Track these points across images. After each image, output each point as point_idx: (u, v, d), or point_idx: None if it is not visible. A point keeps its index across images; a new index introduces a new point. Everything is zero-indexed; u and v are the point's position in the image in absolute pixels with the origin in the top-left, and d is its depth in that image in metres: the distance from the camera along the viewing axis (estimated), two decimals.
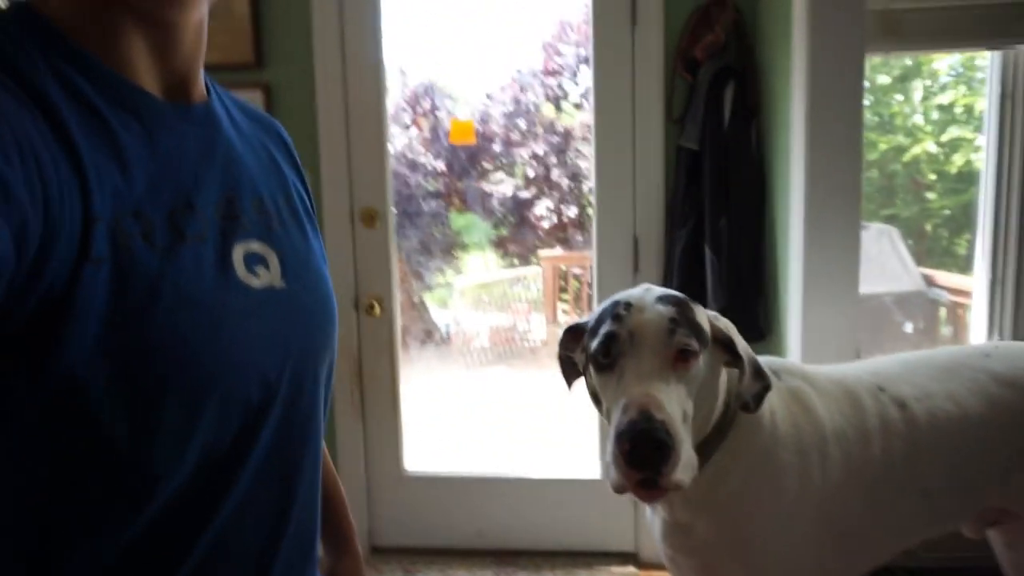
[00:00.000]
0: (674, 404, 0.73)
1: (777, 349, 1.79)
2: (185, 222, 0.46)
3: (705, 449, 0.88)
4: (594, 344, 0.82)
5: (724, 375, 0.89)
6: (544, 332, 5.09)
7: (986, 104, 1.96)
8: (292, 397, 0.52)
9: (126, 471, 0.42)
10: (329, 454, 1.96)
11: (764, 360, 1.01)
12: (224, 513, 0.48)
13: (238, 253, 0.49)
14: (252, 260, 0.50)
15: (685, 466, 0.71)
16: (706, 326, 0.85)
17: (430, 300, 5.48)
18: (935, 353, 1.13)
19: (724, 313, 1.79)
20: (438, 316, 5.29)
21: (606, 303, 0.85)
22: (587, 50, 2.06)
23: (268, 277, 0.51)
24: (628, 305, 0.82)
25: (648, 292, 0.84)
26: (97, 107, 0.43)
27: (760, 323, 1.86)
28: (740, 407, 0.86)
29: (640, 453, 0.68)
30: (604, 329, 0.81)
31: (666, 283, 1.96)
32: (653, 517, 1.02)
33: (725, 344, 0.85)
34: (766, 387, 0.86)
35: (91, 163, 0.41)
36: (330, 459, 0.72)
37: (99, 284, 0.40)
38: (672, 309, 0.80)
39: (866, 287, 2.24)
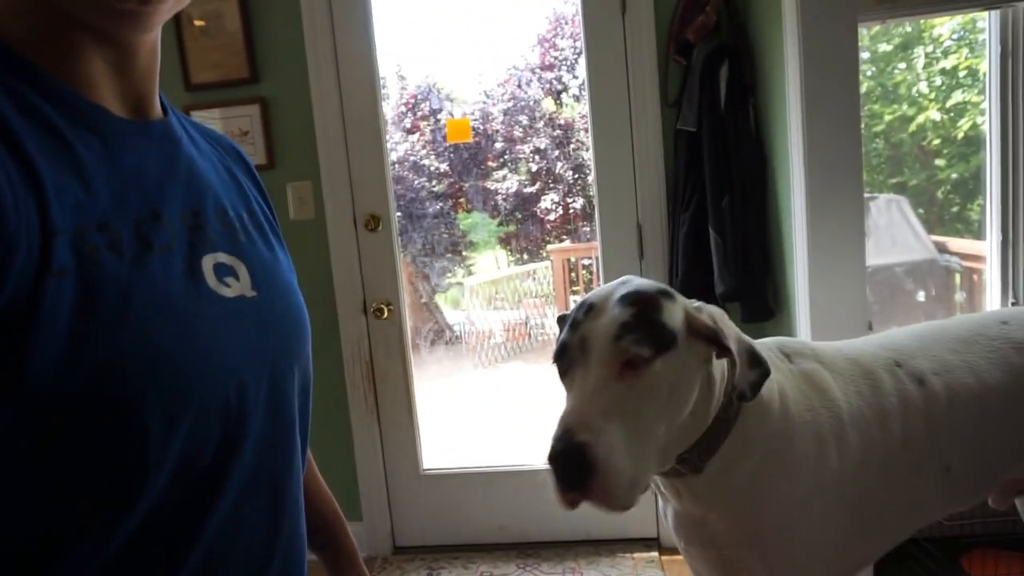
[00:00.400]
0: (613, 421, 0.69)
1: (786, 327, 1.78)
2: (152, 232, 0.46)
3: (709, 442, 0.84)
4: (553, 353, 0.80)
5: (719, 365, 0.83)
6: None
7: (986, 65, 1.93)
8: (273, 407, 0.52)
9: (106, 479, 0.42)
10: (346, 457, 1.96)
11: (775, 341, 1.00)
12: (214, 526, 0.48)
13: (207, 263, 0.49)
14: (221, 271, 0.50)
15: (625, 485, 0.69)
16: (675, 324, 0.76)
17: (442, 301, 5.51)
18: (950, 323, 1.09)
19: (732, 294, 1.81)
20: (451, 316, 5.31)
21: (579, 302, 0.82)
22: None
23: (239, 287, 0.51)
24: (590, 308, 0.78)
25: (618, 289, 0.79)
26: (54, 124, 0.43)
27: (769, 302, 1.85)
28: (737, 397, 0.80)
29: (564, 475, 0.68)
30: (560, 337, 0.79)
31: (672, 268, 1.95)
32: (666, 507, 0.99)
33: (708, 338, 0.78)
34: (764, 374, 0.80)
35: (49, 178, 0.41)
36: (321, 477, 0.71)
37: (64, 296, 0.40)
38: (628, 311, 0.74)
39: (877, 259, 2.21)
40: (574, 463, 0.66)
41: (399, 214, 2.81)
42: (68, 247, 0.41)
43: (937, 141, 2.15)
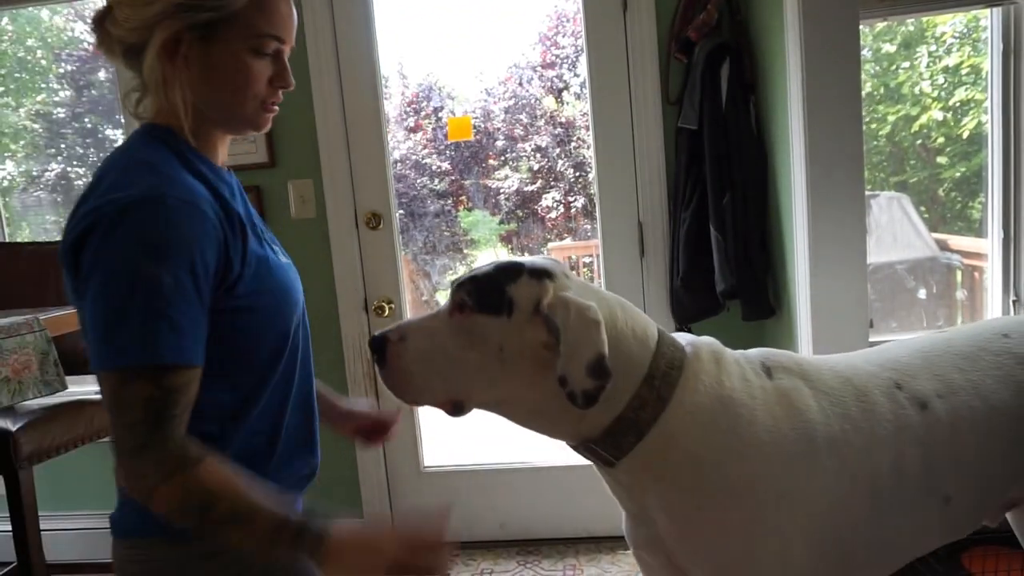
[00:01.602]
0: (424, 333, 0.87)
1: (787, 325, 1.79)
2: (256, 231, 0.84)
3: (615, 439, 0.84)
4: None
5: (624, 360, 0.83)
6: None
7: (988, 62, 1.93)
8: (304, 328, 0.90)
9: (271, 356, 0.82)
10: (347, 455, 2.09)
11: (760, 353, 0.95)
12: (295, 387, 0.86)
13: (274, 246, 0.88)
14: (280, 250, 0.89)
15: (404, 384, 0.88)
16: (517, 296, 0.83)
17: (443, 299, 5.50)
18: (953, 337, 1.03)
19: (733, 292, 1.81)
20: None
21: None
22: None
23: (286, 258, 0.89)
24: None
25: (511, 260, 0.90)
26: (208, 177, 0.80)
27: (770, 300, 1.86)
28: (567, 396, 0.78)
29: (372, 353, 0.90)
30: None
31: (672, 265, 1.95)
32: (623, 513, 0.97)
33: (548, 326, 0.81)
34: (600, 387, 0.78)
35: (239, 203, 0.83)
36: None
37: (247, 267, 0.79)
38: (485, 272, 0.87)
39: (878, 256, 2.21)
40: (372, 348, 0.88)
41: (400, 212, 2.82)
42: (250, 247, 0.80)
43: (941, 140, 2.14)
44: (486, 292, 0.84)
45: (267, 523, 0.69)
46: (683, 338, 0.94)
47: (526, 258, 0.90)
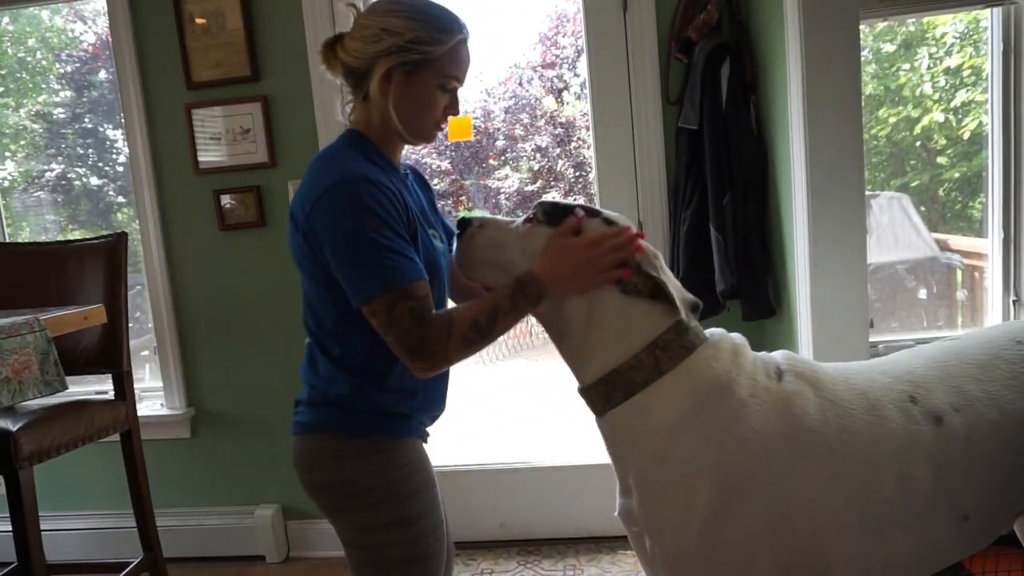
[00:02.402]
0: (499, 228, 1.07)
1: (787, 325, 1.78)
2: (424, 219, 1.07)
3: (606, 389, 0.94)
4: None
5: (616, 310, 0.95)
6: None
7: (988, 63, 1.93)
8: (443, 290, 1.11)
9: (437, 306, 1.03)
10: None
11: (782, 356, 0.96)
12: None
13: (429, 230, 1.08)
14: (440, 235, 1.11)
15: (468, 255, 1.09)
16: (567, 217, 1.02)
17: None
18: (967, 346, 1.02)
19: (733, 292, 1.80)
20: None
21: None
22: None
23: (441, 244, 1.10)
24: None
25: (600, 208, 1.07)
26: (388, 174, 1.03)
27: (770, 300, 1.85)
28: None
29: (459, 227, 1.11)
30: None
31: (673, 265, 1.95)
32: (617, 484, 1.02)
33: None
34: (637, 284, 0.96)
35: (412, 197, 1.07)
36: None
37: (418, 241, 1.01)
38: (566, 203, 1.07)
39: (878, 256, 2.21)
40: (459, 225, 1.11)
41: None
42: (418, 229, 1.03)
43: (944, 142, 2.14)
44: (554, 213, 1.02)
45: (506, 304, 0.97)
46: (715, 332, 0.98)
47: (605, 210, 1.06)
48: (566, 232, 0.99)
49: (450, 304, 1.12)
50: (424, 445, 1.11)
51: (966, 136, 2.07)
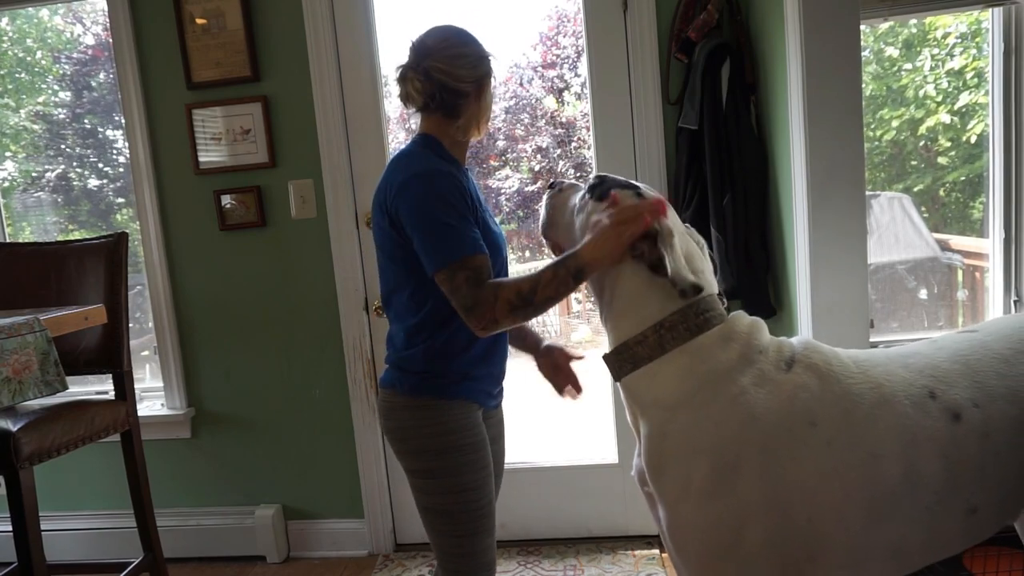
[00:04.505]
0: (572, 195, 1.20)
1: (788, 325, 1.78)
2: (481, 206, 1.25)
3: (620, 355, 1.01)
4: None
5: (637, 287, 1.01)
6: (558, 323, 5.07)
7: (989, 63, 1.92)
8: (504, 268, 1.29)
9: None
10: (348, 454, 2.29)
11: (800, 343, 0.97)
12: None
13: (486, 216, 1.26)
14: (495, 221, 1.29)
15: (551, 209, 1.23)
16: (605, 193, 1.12)
17: None
18: (988, 338, 1.01)
19: (734, 292, 1.80)
20: None
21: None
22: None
23: (497, 228, 1.28)
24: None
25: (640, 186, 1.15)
26: (459, 171, 1.24)
27: (770, 300, 1.85)
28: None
29: (551, 185, 1.27)
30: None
31: None
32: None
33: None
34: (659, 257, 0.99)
35: (474, 192, 1.25)
36: None
37: (480, 223, 1.20)
38: (612, 180, 1.15)
39: (879, 256, 2.21)
40: (550, 186, 1.26)
41: None
42: (479, 209, 1.24)
43: (947, 144, 2.14)
44: (600, 188, 1.13)
45: (547, 274, 1.08)
46: (734, 315, 1.01)
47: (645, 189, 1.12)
48: (607, 208, 1.09)
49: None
50: (479, 410, 1.28)
51: (972, 140, 2.07)
